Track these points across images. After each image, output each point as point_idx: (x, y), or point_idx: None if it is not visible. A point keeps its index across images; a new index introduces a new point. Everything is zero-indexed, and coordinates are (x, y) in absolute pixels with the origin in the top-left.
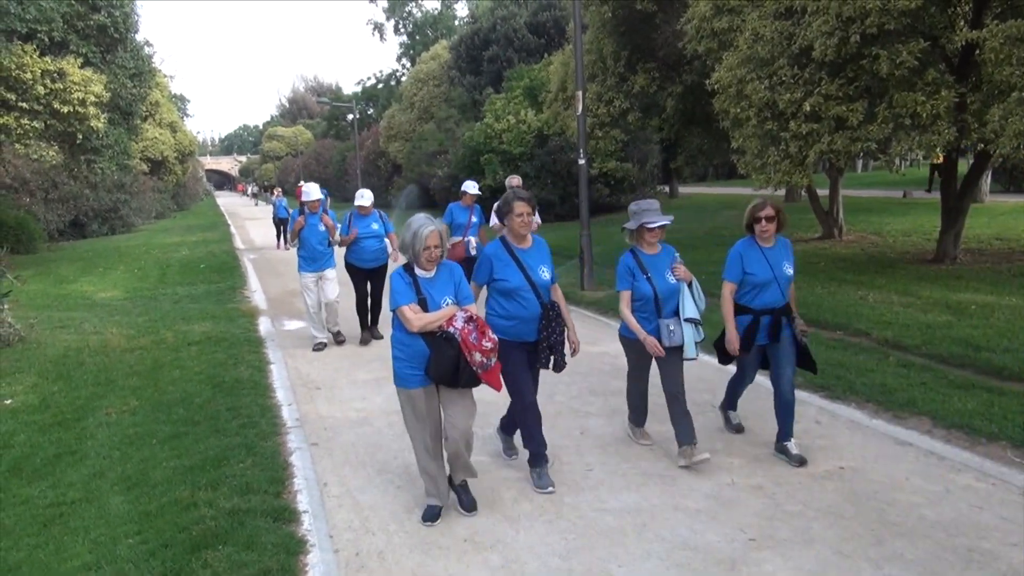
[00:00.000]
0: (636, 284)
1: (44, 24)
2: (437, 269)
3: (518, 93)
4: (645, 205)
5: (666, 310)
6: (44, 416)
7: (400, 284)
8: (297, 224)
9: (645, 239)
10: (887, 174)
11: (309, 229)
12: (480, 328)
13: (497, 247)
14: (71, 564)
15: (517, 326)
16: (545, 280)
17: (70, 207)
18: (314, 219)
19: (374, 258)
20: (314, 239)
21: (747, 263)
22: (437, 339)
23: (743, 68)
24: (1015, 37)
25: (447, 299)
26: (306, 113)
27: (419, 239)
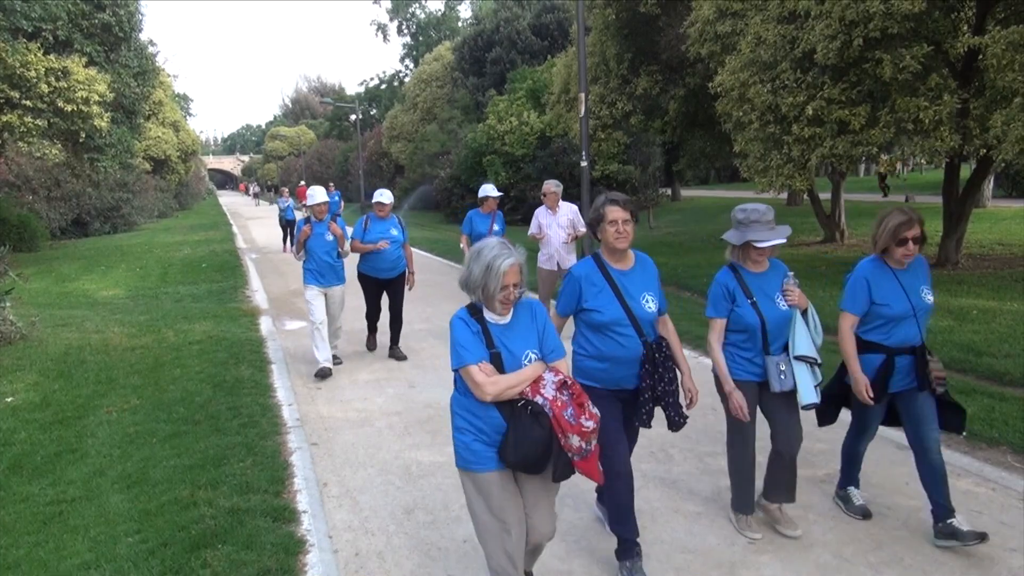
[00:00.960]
0: (737, 311)
1: (49, 22)
2: (514, 310)
3: (521, 95)
4: (754, 214)
5: (775, 345)
6: (45, 414)
7: (465, 334)
8: (303, 233)
9: (751, 255)
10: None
11: (315, 239)
12: (576, 398)
13: (589, 267)
14: (71, 562)
15: (611, 370)
16: (650, 313)
17: (72, 205)
18: (320, 227)
19: (391, 267)
20: (321, 250)
21: (877, 291)
22: (519, 412)
23: (746, 71)
24: (1018, 43)
25: (530, 353)
26: (309, 113)
27: (495, 275)
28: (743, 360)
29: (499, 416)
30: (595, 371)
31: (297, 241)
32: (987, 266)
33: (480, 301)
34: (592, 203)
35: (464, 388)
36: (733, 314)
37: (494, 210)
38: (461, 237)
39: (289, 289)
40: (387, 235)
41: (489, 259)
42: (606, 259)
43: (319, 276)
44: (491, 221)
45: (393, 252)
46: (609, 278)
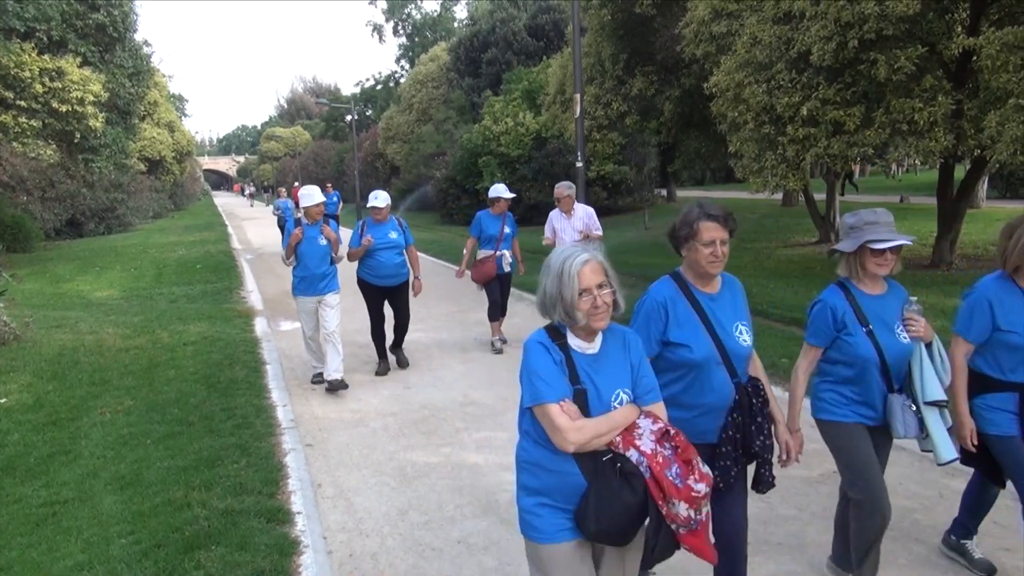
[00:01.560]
0: (846, 341)
1: (43, 23)
2: (603, 339)
3: (517, 95)
4: (870, 215)
5: (894, 380)
6: (38, 415)
7: (544, 363)
8: (293, 237)
9: (868, 268)
10: (884, 179)
11: (307, 244)
12: (682, 452)
13: (671, 290)
14: (64, 564)
15: (696, 419)
16: (745, 347)
17: (67, 206)
18: (313, 231)
19: (392, 273)
20: (312, 255)
21: (1003, 315)
22: (605, 469)
23: (741, 72)
24: (1012, 44)
25: (621, 393)
26: (304, 114)
27: (568, 278)
28: (849, 399)
29: (578, 472)
30: (673, 421)
31: (287, 245)
32: (981, 266)
33: (562, 321)
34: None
35: (534, 433)
36: (840, 343)
37: (505, 211)
38: (468, 240)
39: (284, 290)
40: (386, 239)
41: (559, 263)
42: (691, 280)
43: (310, 285)
44: (502, 223)
45: (394, 257)
46: (696, 305)
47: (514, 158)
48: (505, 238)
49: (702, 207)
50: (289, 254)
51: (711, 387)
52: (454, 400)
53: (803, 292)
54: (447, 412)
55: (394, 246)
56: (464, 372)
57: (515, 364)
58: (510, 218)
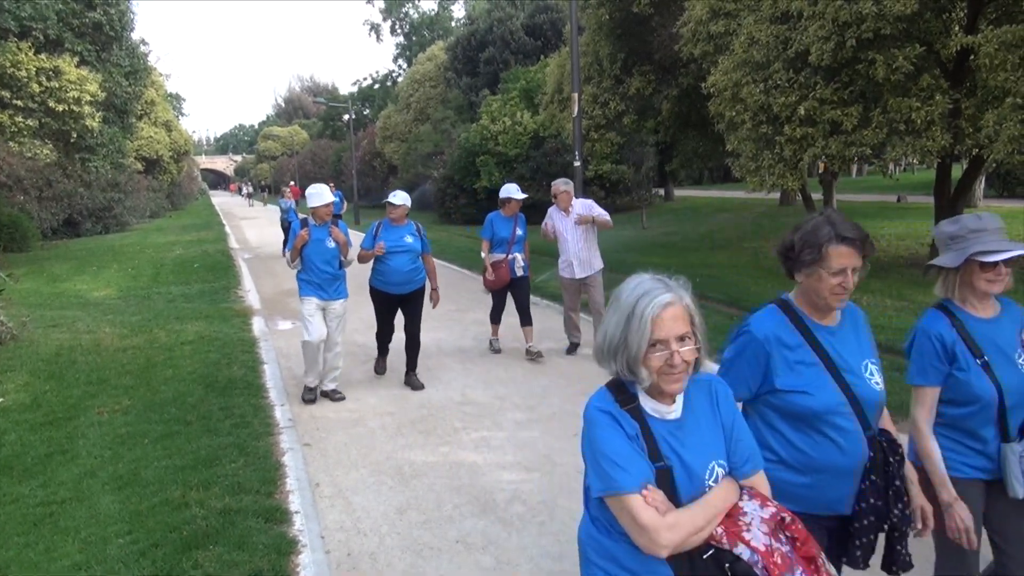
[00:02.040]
0: (959, 377)
1: (39, 22)
2: (685, 394)
3: (514, 95)
4: (973, 223)
5: (1012, 424)
6: (35, 415)
7: (614, 439)
8: (299, 239)
9: (977, 286)
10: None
11: (314, 246)
12: (803, 546)
13: (777, 322)
14: (61, 564)
15: (820, 485)
16: (877, 392)
17: (64, 205)
18: (321, 232)
19: (406, 280)
20: (320, 259)
21: None
22: (708, 569)
23: (739, 72)
24: (1010, 43)
25: (715, 467)
26: (302, 113)
27: (640, 324)
28: (964, 449)
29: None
30: (791, 488)
31: (292, 247)
32: None
33: (626, 376)
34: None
35: (606, 521)
36: (953, 381)
37: (517, 213)
38: (482, 243)
39: (281, 289)
40: (400, 244)
41: (631, 300)
42: (803, 310)
43: (318, 288)
44: (514, 225)
45: (408, 263)
46: (812, 340)
47: (512, 157)
48: (517, 241)
49: (833, 224)
50: (294, 257)
51: (838, 444)
52: (452, 399)
53: None
54: (445, 411)
55: (409, 251)
56: (462, 371)
57: (514, 363)
58: (522, 220)
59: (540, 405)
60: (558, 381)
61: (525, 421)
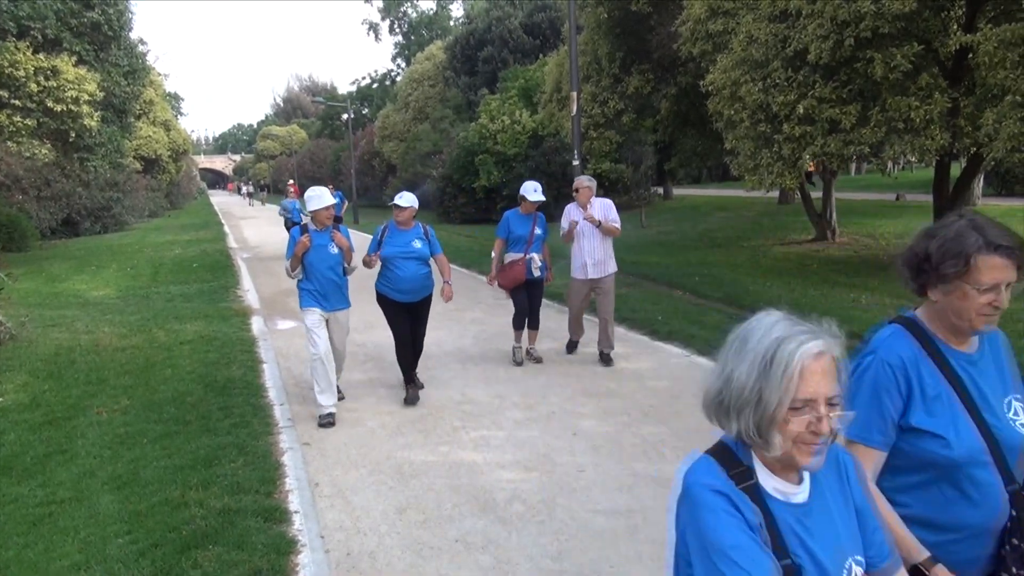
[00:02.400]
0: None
1: (37, 21)
2: None
3: (513, 94)
4: None
5: None
6: (34, 415)
7: (730, 528)
8: (300, 246)
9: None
10: (880, 177)
11: (316, 252)
12: None
13: (908, 349)
14: (61, 563)
15: (952, 546)
16: (1021, 436)
17: (63, 205)
18: (322, 238)
19: (416, 288)
20: (323, 266)
21: None
22: None
23: (737, 70)
24: (1009, 41)
25: (854, 566)
26: (301, 112)
27: (782, 374)
28: None
29: None
30: None
31: (292, 255)
32: None
33: (751, 439)
34: None
35: None
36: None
37: (535, 211)
38: (495, 242)
39: (280, 289)
40: (409, 249)
41: (771, 345)
42: (936, 334)
43: (321, 298)
44: (532, 224)
45: (417, 270)
46: (949, 371)
47: (511, 156)
48: (535, 240)
49: (981, 230)
50: (295, 265)
51: (972, 499)
52: (451, 399)
53: (799, 290)
54: (444, 411)
55: (418, 256)
56: (460, 370)
57: (512, 363)
58: (541, 219)
59: (539, 404)
60: (557, 380)
61: (524, 420)
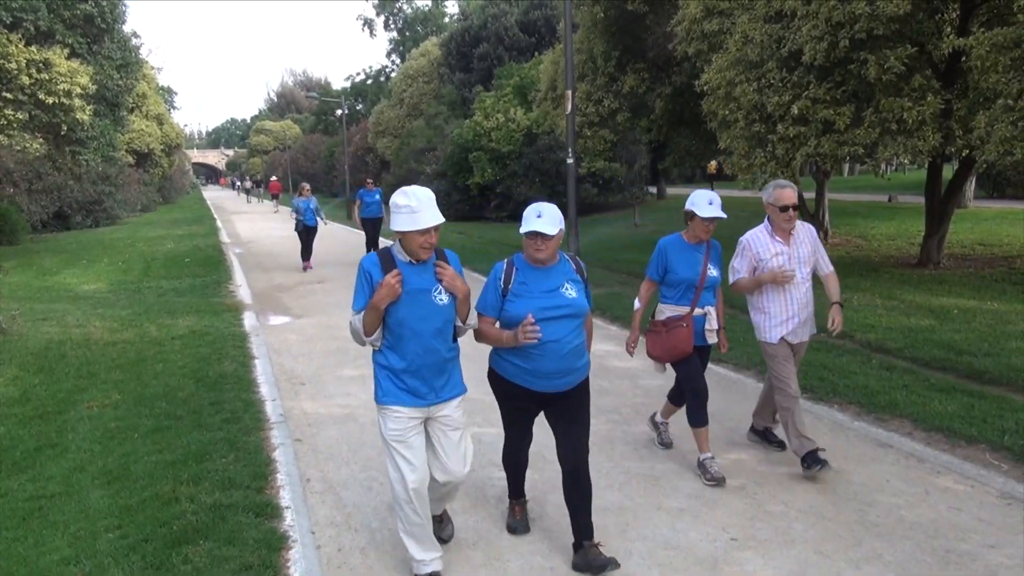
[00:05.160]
0: None
1: (29, 13)
2: None
3: (508, 91)
4: None
5: None
6: (25, 409)
7: None
8: (385, 291)
9: None
10: (873, 178)
11: (411, 303)
12: None
13: None
14: (50, 558)
15: None
16: None
17: (54, 198)
18: (421, 276)
19: (567, 366)
20: (423, 326)
21: None
22: None
23: (732, 70)
24: (1001, 44)
25: None
26: (294, 107)
27: None
28: None
29: None
30: None
31: (367, 305)
32: (968, 266)
33: None
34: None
35: None
36: None
37: (709, 239)
38: (642, 285)
39: (273, 284)
40: (557, 301)
41: None
42: None
43: (418, 383)
44: (704, 259)
45: (573, 336)
46: None
47: (505, 154)
48: (709, 284)
49: None
50: (373, 324)
51: None
52: None
53: None
54: None
55: (572, 313)
56: None
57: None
58: (716, 250)
59: None
60: None
61: None
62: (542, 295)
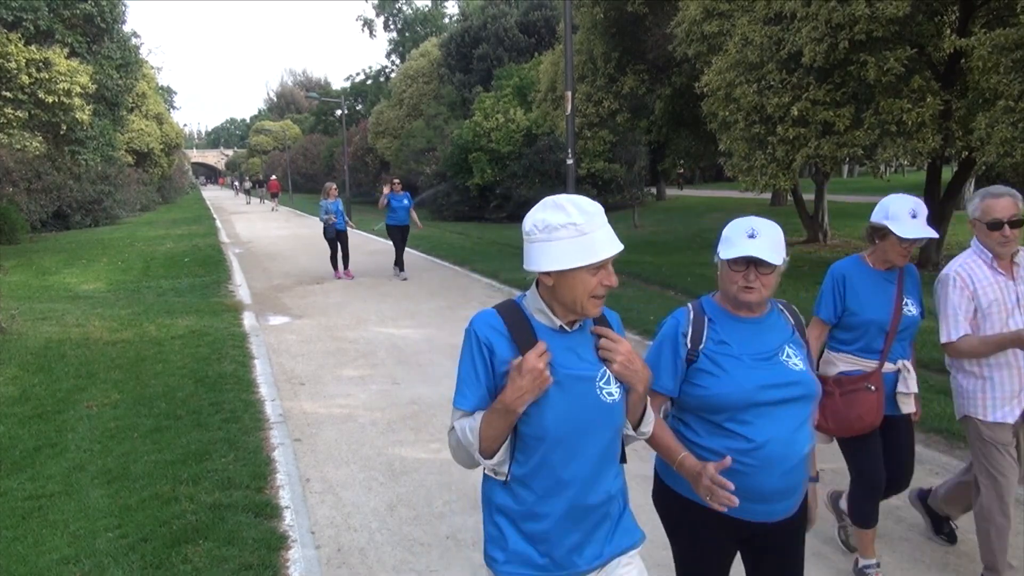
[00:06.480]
0: None
1: (29, 12)
2: None
3: (508, 92)
4: None
5: None
6: (24, 408)
7: None
8: (529, 374)
9: None
10: (873, 180)
11: (566, 394)
12: None
13: None
14: (50, 557)
15: None
16: None
17: (53, 198)
18: (575, 352)
19: (794, 482)
20: (569, 425)
21: None
22: None
23: (732, 72)
24: (1002, 46)
25: None
26: (294, 107)
27: None
28: None
29: None
30: None
31: (494, 408)
32: None
33: None
34: None
35: None
36: None
37: (904, 264)
38: (811, 331)
39: (272, 284)
40: (782, 375)
41: None
42: None
43: (565, 535)
44: (896, 292)
45: (802, 435)
46: None
47: (504, 154)
48: (904, 328)
49: None
50: (497, 440)
51: None
52: (443, 396)
53: (790, 291)
54: (436, 408)
55: (800, 396)
56: (452, 368)
57: None
58: (913, 277)
59: None
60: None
61: None
62: (755, 363)
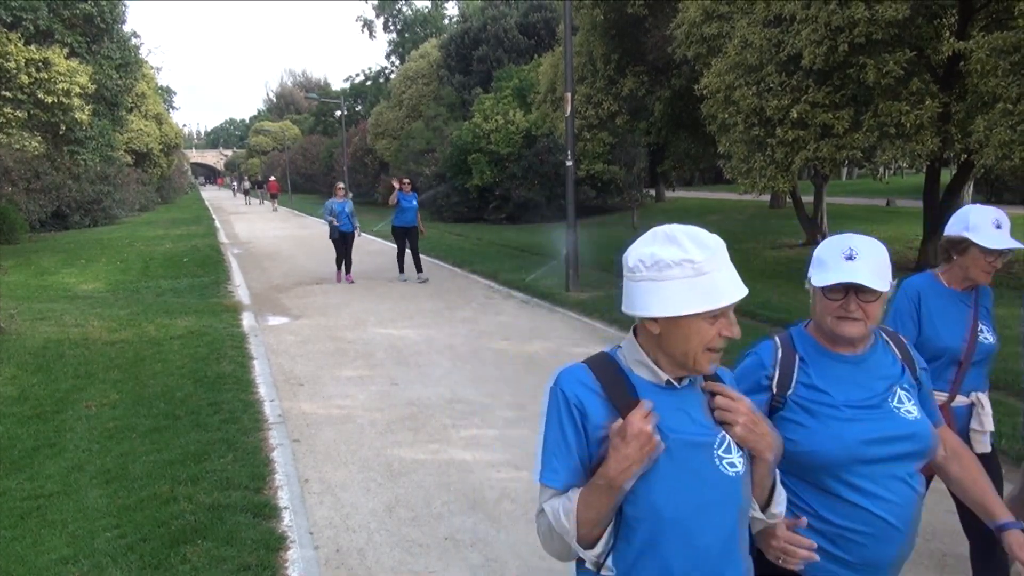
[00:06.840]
0: None
1: (29, 12)
2: None
3: (507, 93)
4: None
5: None
6: (23, 408)
7: None
8: (636, 440)
9: None
10: (871, 182)
11: (677, 463)
12: None
13: None
14: (48, 557)
15: None
16: None
17: (52, 198)
18: (686, 413)
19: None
20: (685, 501)
21: None
22: None
23: (732, 74)
24: (1001, 49)
25: None
26: (293, 108)
27: None
28: None
29: None
30: None
31: (594, 484)
32: None
33: None
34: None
35: None
36: None
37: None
38: None
39: (271, 284)
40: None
41: None
42: None
43: None
44: (971, 314)
45: (914, 494)
46: None
47: (504, 156)
48: (980, 358)
49: None
50: (597, 523)
51: None
52: (441, 397)
53: (789, 294)
54: (434, 409)
55: (913, 452)
56: (451, 369)
57: (504, 362)
58: (987, 298)
59: (531, 403)
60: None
61: (515, 419)
62: (858, 413)
